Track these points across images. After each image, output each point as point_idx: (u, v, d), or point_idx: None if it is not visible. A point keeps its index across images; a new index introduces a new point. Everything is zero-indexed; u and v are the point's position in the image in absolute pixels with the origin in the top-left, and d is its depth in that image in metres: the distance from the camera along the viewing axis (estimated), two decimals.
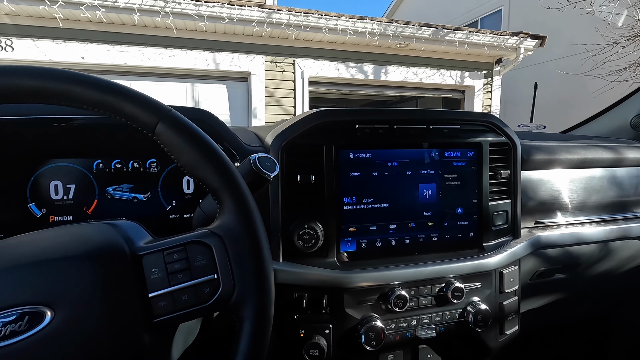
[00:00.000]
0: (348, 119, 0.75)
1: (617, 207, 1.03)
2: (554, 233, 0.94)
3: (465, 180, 0.83)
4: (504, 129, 0.86)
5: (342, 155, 0.75)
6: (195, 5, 4.39)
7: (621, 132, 1.26)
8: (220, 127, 0.74)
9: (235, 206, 0.43)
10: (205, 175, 0.43)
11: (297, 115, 0.77)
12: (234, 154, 0.74)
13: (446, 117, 0.81)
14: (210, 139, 0.46)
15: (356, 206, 0.76)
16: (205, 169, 0.43)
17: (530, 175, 0.94)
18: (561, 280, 1.06)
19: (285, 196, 0.73)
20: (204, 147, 0.44)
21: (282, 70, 5.26)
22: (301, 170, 0.73)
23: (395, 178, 0.78)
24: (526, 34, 5.51)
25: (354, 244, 0.76)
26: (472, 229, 0.84)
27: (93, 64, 4.61)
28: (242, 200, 0.44)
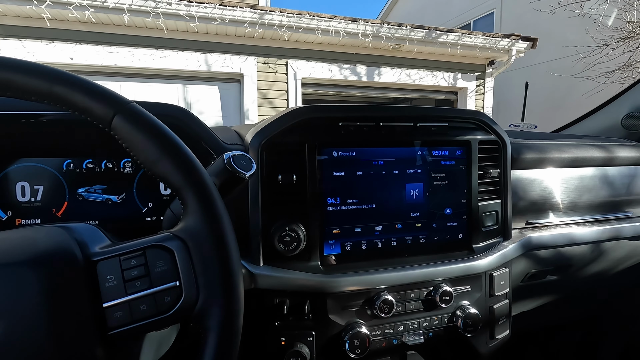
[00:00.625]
0: (332, 115, 0.72)
1: (609, 206, 1.01)
2: (546, 234, 0.92)
3: (453, 180, 0.80)
4: (493, 127, 0.83)
5: (325, 154, 0.72)
6: (186, 5, 4.35)
7: (612, 131, 1.24)
8: (197, 124, 0.70)
9: (200, 206, 0.40)
10: (166, 172, 0.40)
11: (279, 112, 0.73)
12: (212, 152, 0.70)
13: (434, 114, 0.79)
14: (172, 133, 0.42)
15: (340, 207, 0.73)
16: (166, 165, 0.40)
17: (521, 174, 0.91)
18: (553, 281, 1.04)
19: (265, 197, 0.69)
20: (164, 141, 0.40)
21: (275, 71, 5.23)
22: (282, 170, 0.70)
23: (381, 177, 0.75)
24: (518, 36, 5.54)
25: (338, 247, 0.73)
26: (461, 230, 0.81)
27: (82, 65, 4.54)
28: (208, 199, 0.40)
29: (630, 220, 1.03)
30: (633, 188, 1.03)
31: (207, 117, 5.16)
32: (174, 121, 0.68)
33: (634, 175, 1.03)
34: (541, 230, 0.93)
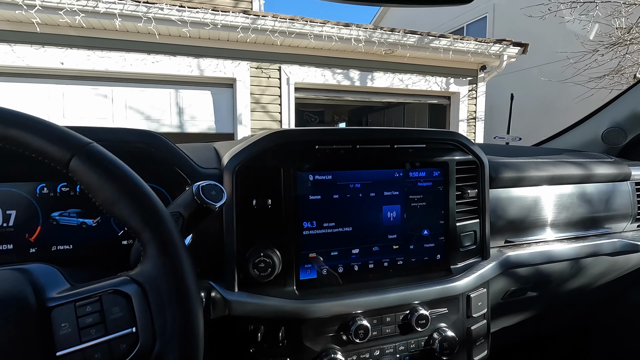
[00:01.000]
0: (307, 139, 0.72)
1: (588, 223, 1.02)
2: (524, 252, 0.93)
3: (431, 201, 0.81)
4: (471, 148, 0.84)
5: (301, 178, 0.72)
6: (178, 10, 4.34)
7: (593, 146, 1.26)
8: (169, 150, 0.70)
9: (159, 250, 0.39)
10: (124, 214, 0.40)
11: (254, 135, 0.73)
12: (186, 178, 0.70)
13: (411, 136, 0.79)
14: (131, 173, 0.42)
15: (316, 231, 0.73)
16: (124, 208, 0.39)
17: (500, 193, 0.92)
18: (534, 297, 1.05)
19: (240, 222, 0.69)
20: (123, 183, 0.40)
21: (268, 76, 5.23)
22: (258, 194, 0.69)
23: (357, 200, 0.75)
24: (509, 42, 5.60)
25: (314, 271, 0.73)
26: (439, 251, 0.82)
27: (73, 70, 4.51)
28: (167, 243, 0.40)
29: (609, 236, 1.04)
30: (611, 204, 1.04)
31: (200, 122, 5.15)
32: (145, 148, 0.67)
33: (612, 191, 1.04)
34: (520, 248, 0.94)
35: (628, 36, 4.88)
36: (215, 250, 0.70)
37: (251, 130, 5.17)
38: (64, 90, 4.63)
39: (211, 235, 0.70)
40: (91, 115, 4.72)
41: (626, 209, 1.06)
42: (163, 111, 5.01)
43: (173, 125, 5.08)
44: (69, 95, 4.65)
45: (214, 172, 0.72)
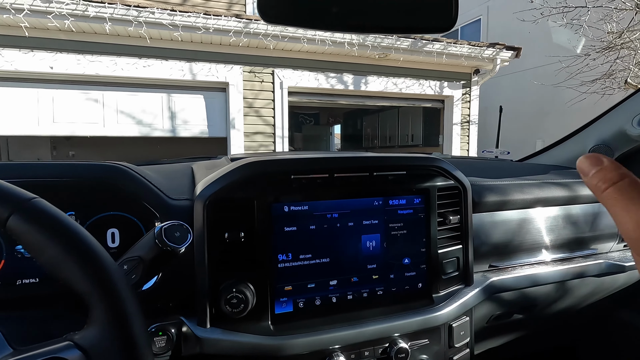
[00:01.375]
0: (283, 170, 0.70)
1: (574, 245, 1.01)
2: (509, 276, 0.91)
3: (412, 229, 0.79)
4: (452, 173, 0.82)
5: (276, 209, 0.69)
6: (169, 15, 4.29)
7: None
8: (136, 183, 0.67)
9: (107, 316, 0.37)
10: (69, 276, 0.37)
11: (227, 165, 0.71)
12: (154, 212, 0.67)
13: (391, 163, 0.77)
14: (77, 230, 0.39)
15: (292, 263, 0.71)
16: (68, 269, 0.37)
17: (483, 217, 0.90)
18: (519, 320, 1.03)
19: (211, 256, 0.67)
20: (67, 241, 0.37)
21: (261, 80, 5.20)
22: (230, 227, 0.67)
23: (335, 230, 0.73)
24: (502, 45, 5.61)
25: (290, 304, 0.71)
26: (420, 279, 0.80)
27: (62, 74, 4.45)
28: (116, 308, 0.37)
29: (595, 257, 1.03)
30: (597, 225, 1.03)
31: (193, 127, 5.10)
32: (109, 182, 0.65)
33: (597, 212, 1.03)
34: (505, 272, 0.92)
35: (619, 41, 4.91)
36: (187, 284, 0.68)
37: (244, 135, 5.13)
38: (54, 95, 4.58)
39: (182, 269, 0.67)
40: (82, 120, 4.66)
41: (612, 229, 1.05)
42: (155, 116, 4.96)
43: (165, 130, 5.03)
44: (58, 99, 4.59)
45: (184, 204, 0.70)
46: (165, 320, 0.66)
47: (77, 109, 4.65)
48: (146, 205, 0.67)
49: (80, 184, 0.67)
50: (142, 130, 4.93)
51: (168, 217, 0.67)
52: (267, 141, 5.29)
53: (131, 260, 0.51)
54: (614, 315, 1.23)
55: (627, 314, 1.21)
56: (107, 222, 0.73)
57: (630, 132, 1.11)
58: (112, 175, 0.65)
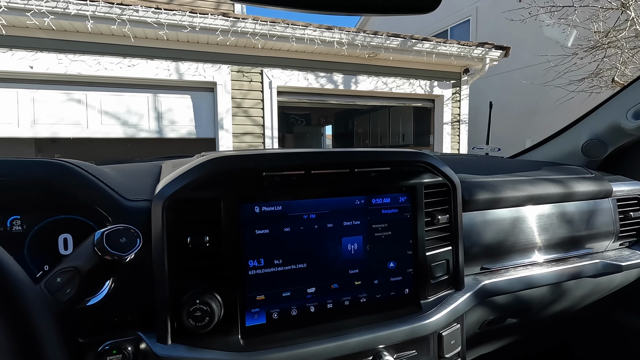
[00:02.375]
0: (252, 166, 0.63)
1: (568, 244, 0.96)
2: (502, 279, 0.85)
3: (397, 230, 0.72)
4: (440, 169, 0.76)
5: (245, 210, 0.62)
6: (154, 13, 4.19)
7: (573, 158, 1.20)
8: (84, 183, 0.60)
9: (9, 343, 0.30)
10: None
11: (190, 161, 0.64)
12: (106, 216, 0.60)
13: (373, 158, 0.71)
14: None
15: (265, 270, 0.64)
16: None
17: (474, 217, 0.84)
18: (513, 324, 0.98)
19: (172, 263, 0.59)
20: None
21: (250, 80, 5.11)
22: (192, 230, 0.60)
23: (312, 233, 0.67)
24: (491, 45, 5.61)
25: (263, 315, 0.64)
26: (407, 284, 0.73)
27: (43, 74, 4.31)
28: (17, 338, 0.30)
29: (590, 257, 0.98)
30: (593, 223, 0.98)
31: (180, 127, 4.99)
32: (54, 183, 0.57)
33: (593, 209, 0.98)
34: (497, 274, 0.86)
35: (606, 40, 4.94)
36: (145, 295, 0.60)
37: (233, 136, 5.04)
38: (34, 95, 4.43)
39: (139, 278, 0.60)
40: (64, 121, 4.52)
41: (608, 228, 1.00)
42: (141, 116, 4.84)
43: (152, 131, 4.91)
44: (39, 100, 4.44)
45: (141, 206, 0.62)
46: (121, 337, 0.58)
47: (59, 110, 4.51)
48: (97, 210, 0.59)
49: (23, 183, 0.59)
50: (128, 132, 4.80)
51: (121, 220, 0.60)
52: (256, 142, 5.20)
53: (65, 272, 0.43)
54: (610, 316, 1.19)
55: (622, 315, 1.17)
56: (58, 227, 0.65)
57: (625, 125, 1.07)
58: (54, 173, 0.58)
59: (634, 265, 0.99)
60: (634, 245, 1.06)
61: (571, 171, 1.05)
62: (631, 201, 1.04)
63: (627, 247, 1.06)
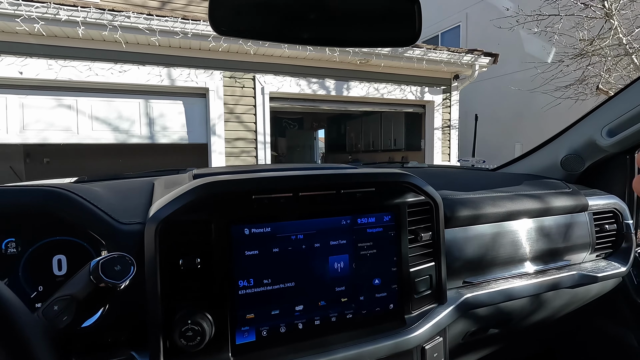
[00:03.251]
0: (242, 189, 0.66)
1: (547, 257, 1.00)
2: (483, 292, 0.89)
3: (382, 248, 0.76)
4: (423, 189, 0.79)
5: (236, 232, 0.65)
6: (146, 19, 4.19)
7: (552, 171, 1.25)
8: (77, 208, 0.62)
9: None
10: None
11: (182, 186, 0.66)
12: (100, 240, 0.62)
13: (358, 180, 0.74)
14: None
15: (254, 289, 0.66)
16: None
17: (456, 233, 0.88)
18: (495, 334, 1.01)
19: (164, 285, 0.61)
20: None
21: (242, 85, 5.13)
22: (184, 253, 0.62)
23: (300, 253, 0.69)
24: (480, 52, 5.72)
25: (253, 333, 0.66)
26: (391, 300, 0.77)
27: (33, 80, 4.28)
28: None
29: (568, 268, 1.03)
30: (570, 236, 1.03)
31: (172, 133, 4.99)
32: (47, 210, 0.59)
33: (570, 223, 1.03)
34: (479, 288, 0.90)
35: (590, 48, 5.07)
36: (138, 315, 0.62)
37: (225, 141, 5.05)
38: (24, 101, 4.39)
39: (132, 299, 0.62)
40: (54, 126, 4.48)
41: (585, 240, 1.05)
42: (132, 122, 4.82)
43: (143, 137, 4.90)
44: (29, 105, 4.40)
45: (134, 229, 0.64)
46: (114, 357, 0.61)
47: (48, 116, 4.47)
48: (91, 235, 0.61)
49: (19, 211, 0.61)
50: (119, 137, 4.78)
51: (115, 244, 0.62)
52: (248, 147, 5.22)
53: (62, 300, 0.46)
54: (591, 324, 1.23)
55: (602, 322, 1.22)
56: (53, 248, 0.67)
57: (599, 142, 1.12)
58: (50, 202, 0.60)
59: (609, 276, 1.03)
60: (609, 257, 1.11)
61: (550, 185, 1.10)
62: (606, 214, 1.09)
63: (603, 258, 1.10)
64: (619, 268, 1.06)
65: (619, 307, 1.17)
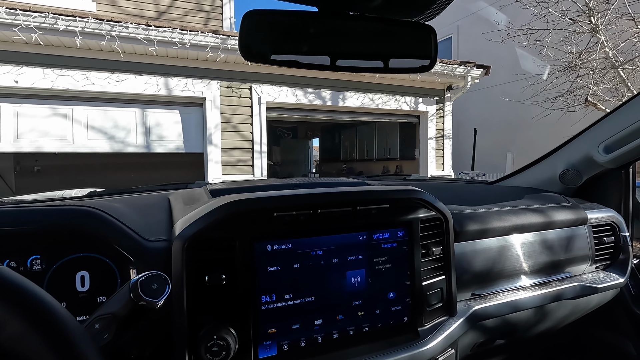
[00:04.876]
0: (265, 207, 0.68)
1: (550, 269, 1.04)
2: (491, 304, 0.92)
3: (396, 262, 0.78)
4: (434, 205, 0.83)
5: (259, 249, 0.67)
6: (144, 29, 4.22)
7: (551, 184, 1.29)
8: (107, 226, 0.63)
9: None
10: (31, 350, 0.33)
11: (207, 204, 0.68)
12: (129, 257, 0.64)
13: (374, 197, 0.77)
14: (41, 298, 0.35)
15: (276, 304, 0.68)
16: (31, 342, 0.33)
17: (464, 246, 0.91)
18: (502, 345, 1.04)
19: (190, 301, 0.63)
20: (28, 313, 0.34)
21: (239, 95, 5.16)
22: (210, 269, 0.64)
23: (319, 268, 0.72)
24: (472, 64, 5.86)
25: (275, 348, 0.68)
26: (405, 313, 0.79)
27: (28, 89, 4.25)
28: None
29: (570, 280, 1.06)
30: (571, 249, 1.07)
31: (168, 143, 4.98)
32: (78, 228, 0.61)
33: (571, 236, 1.07)
34: (486, 300, 0.93)
35: (578, 61, 5.24)
36: (163, 331, 0.64)
37: (222, 151, 5.06)
38: (18, 110, 4.35)
39: (157, 315, 0.64)
40: (48, 135, 4.45)
41: (584, 252, 1.09)
42: (128, 131, 4.81)
43: (139, 146, 4.88)
44: (23, 114, 4.37)
45: (161, 246, 0.66)
46: None
47: (43, 125, 4.44)
48: (119, 252, 0.63)
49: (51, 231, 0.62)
50: (115, 146, 4.76)
51: (143, 261, 0.63)
52: (245, 156, 5.23)
53: (103, 319, 0.47)
54: (592, 333, 1.27)
55: (602, 332, 1.25)
56: (76, 265, 0.68)
57: (596, 158, 1.17)
58: (82, 221, 0.61)
59: (608, 287, 1.07)
60: (608, 268, 1.15)
61: (550, 199, 1.14)
62: (604, 227, 1.14)
63: (602, 269, 1.15)
64: (618, 279, 1.10)
65: (618, 317, 1.21)
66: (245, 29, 0.57)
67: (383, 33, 0.64)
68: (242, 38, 0.57)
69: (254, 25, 0.57)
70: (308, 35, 0.60)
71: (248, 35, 0.57)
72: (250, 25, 0.56)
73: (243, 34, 0.57)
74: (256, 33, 0.58)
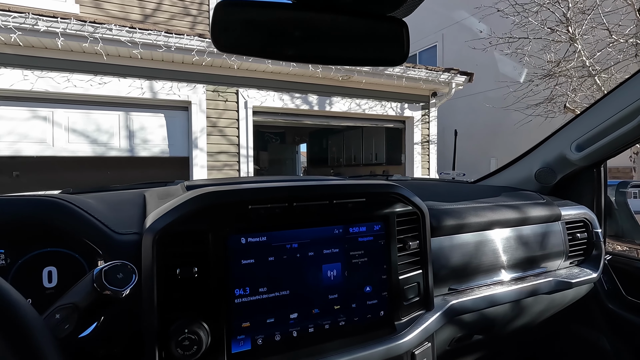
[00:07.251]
0: (239, 199, 0.68)
1: (526, 264, 1.05)
2: (468, 298, 0.93)
3: (373, 256, 0.79)
4: (411, 199, 0.83)
5: (232, 242, 0.66)
6: (128, 32, 4.17)
7: (528, 183, 1.32)
8: (75, 219, 0.62)
9: None
10: None
11: (179, 196, 0.67)
12: (97, 250, 0.62)
13: (350, 190, 0.77)
14: None
15: (250, 298, 0.67)
16: None
17: (441, 241, 0.92)
18: (480, 340, 1.05)
19: (161, 295, 0.62)
20: None
21: (225, 99, 5.14)
22: (182, 263, 0.63)
23: (295, 261, 0.71)
24: (456, 71, 5.99)
25: (248, 342, 0.67)
26: (382, 307, 0.79)
27: (7, 90, 4.14)
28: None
29: (545, 275, 1.08)
30: (546, 244, 1.09)
31: (152, 146, 4.91)
32: (45, 221, 0.59)
33: (545, 232, 1.09)
34: (463, 294, 0.94)
35: (557, 69, 5.42)
36: (132, 326, 0.62)
37: (207, 155, 5.01)
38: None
39: (127, 309, 0.62)
40: (27, 138, 4.33)
41: (559, 248, 1.11)
42: (111, 135, 4.72)
43: (122, 149, 4.79)
44: (1, 117, 4.24)
45: (131, 239, 0.65)
46: None
47: (22, 127, 4.32)
48: (88, 245, 0.61)
49: (16, 222, 0.60)
50: (97, 150, 4.66)
51: (112, 254, 0.62)
52: (231, 160, 5.19)
53: (64, 308, 0.46)
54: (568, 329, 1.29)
55: (577, 328, 1.28)
56: (43, 260, 0.66)
57: (569, 156, 1.21)
58: (47, 212, 0.59)
59: (582, 282, 1.10)
60: (582, 264, 1.18)
61: (526, 197, 1.16)
62: (577, 224, 1.17)
63: (576, 265, 1.17)
64: (591, 274, 1.13)
65: (593, 312, 1.24)
66: (218, 18, 0.57)
67: (356, 26, 0.65)
68: (215, 27, 0.57)
69: (226, 15, 0.57)
70: (281, 27, 0.60)
71: (220, 25, 0.57)
72: (223, 15, 0.56)
73: (215, 24, 0.57)
74: (228, 23, 0.58)
